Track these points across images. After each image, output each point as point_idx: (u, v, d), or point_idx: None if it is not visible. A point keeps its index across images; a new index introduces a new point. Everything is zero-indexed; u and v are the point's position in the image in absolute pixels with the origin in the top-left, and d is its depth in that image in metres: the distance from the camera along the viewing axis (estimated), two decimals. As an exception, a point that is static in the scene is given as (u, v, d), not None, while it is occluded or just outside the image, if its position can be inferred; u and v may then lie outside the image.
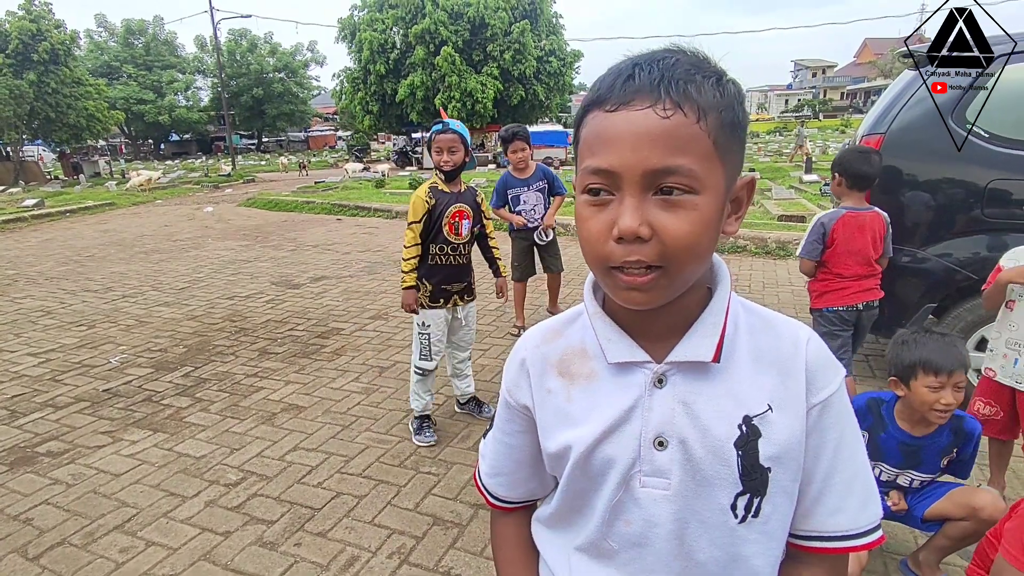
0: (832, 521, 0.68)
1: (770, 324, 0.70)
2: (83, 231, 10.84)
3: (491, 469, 0.84)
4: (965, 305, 2.97)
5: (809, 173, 13.08)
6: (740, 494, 0.65)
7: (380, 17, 24.70)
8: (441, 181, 2.87)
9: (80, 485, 2.68)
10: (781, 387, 0.65)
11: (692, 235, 0.57)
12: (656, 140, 0.55)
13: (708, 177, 0.57)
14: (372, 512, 2.43)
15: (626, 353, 0.67)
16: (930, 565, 1.92)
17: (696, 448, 0.64)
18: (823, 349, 0.68)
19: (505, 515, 0.86)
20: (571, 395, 0.71)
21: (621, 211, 0.57)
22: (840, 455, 0.67)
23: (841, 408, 0.67)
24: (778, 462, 0.64)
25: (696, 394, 0.65)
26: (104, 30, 41.13)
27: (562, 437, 0.71)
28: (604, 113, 0.58)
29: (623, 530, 0.68)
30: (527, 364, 0.76)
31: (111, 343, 4.61)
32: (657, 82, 0.56)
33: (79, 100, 24.02)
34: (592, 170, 0.58)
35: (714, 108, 0.57)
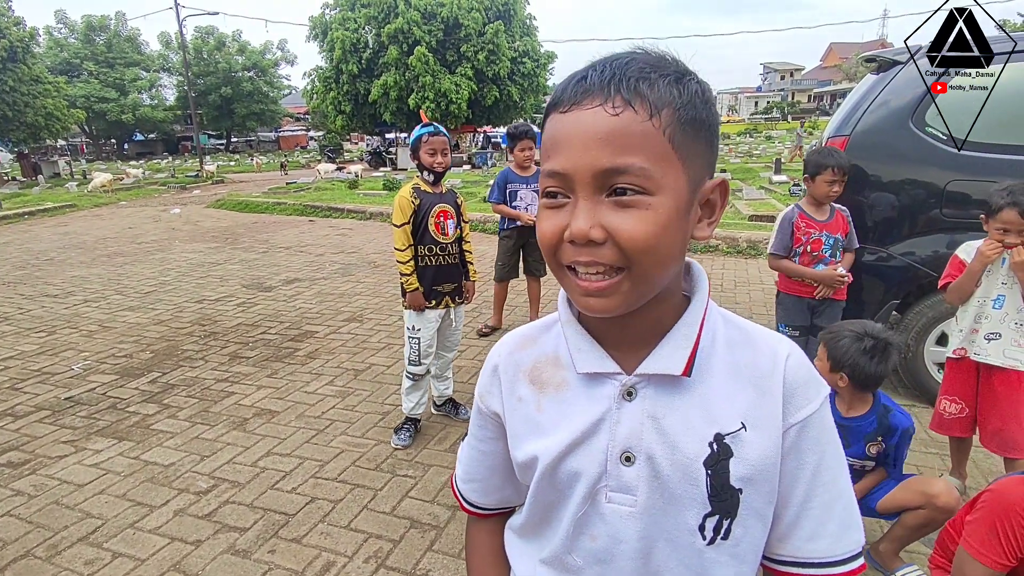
0: (810, 547, 0.65)
1: (750, 338, 0.66)
2: (41, 233, 10.47)
3: (465, 474, 0.83)
4: (926, 301, 3.07)
5: (779, 174, 13.38)
6: (709, 515, 0.62)
7: (352, 16, 24.41)
8: (425, 183, 2.85)
9: (42, 496, 2.58)
10: (757, 404, 0.62)
11: (648, 236, 0.54)
12: (604, 139, 0.53)
13: (664, 176, 0.54)
14: (348, 516, 2.40)
15: (596, 364, 0.64)
16: (890, 554, 1.98)
17: (664, 465, 0.62)
18: (804, 366, 0.65)
19: (479, 521, 0.85)
20: (541, 404, 0.69)
21: (574, 214, 0.55)
22: (819, 478, 0.64)
23: (822, 429, 0.64)
24: (750, 483, 0.62)
25: (666, 408, 0.62)
26: (64, 26, 39.77)
27: (530, 447, 0.69)
28: (559, 115, 0.57)
29: (588, 545, 0.66)
30: (499, 371, 0.74)
31: (72, 349, 4.46)
32: (608, 81, 0.55)
33: (37, 98, 23.23)
34: (547, 173, 0.58)
35: (668, 104, 0.54)
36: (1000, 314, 2.21)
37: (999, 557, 1.44)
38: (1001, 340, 2.21)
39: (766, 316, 4.73)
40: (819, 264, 2.83)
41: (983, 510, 1.50)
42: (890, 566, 1.97)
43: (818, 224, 2.81)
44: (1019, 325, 2.19)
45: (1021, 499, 1.44)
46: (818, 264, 2.83)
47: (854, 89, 3.50)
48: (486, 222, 9.15)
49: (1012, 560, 1.44)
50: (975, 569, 1.46)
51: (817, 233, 2.81)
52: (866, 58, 3.55)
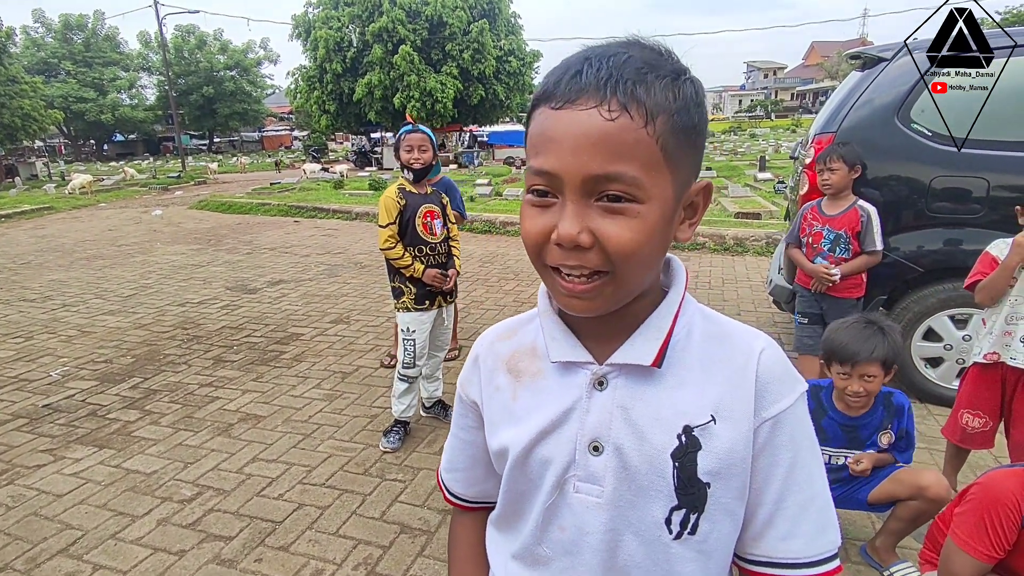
0: (783, 547, 0.64)
1: (726, 332, 0.66)
2: (18, 237, 10.25)
3: (448, 464, 0.84)
4: (913, 296, 3.10)
5: (763, 171, 13.48)
6: (675, 508, 0.62)
7: (336, 15, 24.19)
8: (408, 182, 2.82)
9: (20, 507, 2.51)
10: (728, 397, 0.62)
11: (635, 244, 0.54)
12: (598, 144, 0.52)
13: (653, 186, 0.54)
14: (336, 523, 2.36)
15: (568, 352, 0.65)
16: (886, 549, 1.99)
17: (632, 456, 0.62)
18: (779, 361, 0.64)
19: (463, 514, 0.86)
20: (516, 393, 0.69)
21: (562, 216, 0.55)
22: (794, 476, 0.63)
23: (797, 425, 0.63)
24: (718, 477, 0.61)
25: (636, 399, 0.62)
26: (41, 25, 39.00)
27: (504, 435, 0.69)
28: (549, 110, 0.55)
29: (557, 536, 0.67)
30: (479, 360, 0.75)
31: (50, 355, 4.36)
32: (604, 80, 0.53)
33: (13, 99, 22.75)
34: (535, 171, 0.56)
35: (664, 111, 0.53)
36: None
37: (986, 548, 1.44)
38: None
39: (753, 313, 4.75)
40: (818, 257, 2.86)
41: (971, 502, 1.51)
42: (886, 562, 1.98)
43: (824, 218, 2.84)
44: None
45: (1009, 491, 1.45)
46: (817, 257, 2.86)
47: (839, 86, 3.52)
48: (473, 221, 9.12)
49: (998, 552, 1.45)
50: (962, 560, 1.47)
51: (820, 226, 2.85)
52: (851, 55, 3.57)
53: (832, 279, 2.80)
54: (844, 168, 2.75)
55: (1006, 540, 1.44)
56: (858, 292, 2.89)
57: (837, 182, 2.77)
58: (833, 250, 2.82)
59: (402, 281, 2.85)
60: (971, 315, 3.00)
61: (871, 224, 2.76)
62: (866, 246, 2.79)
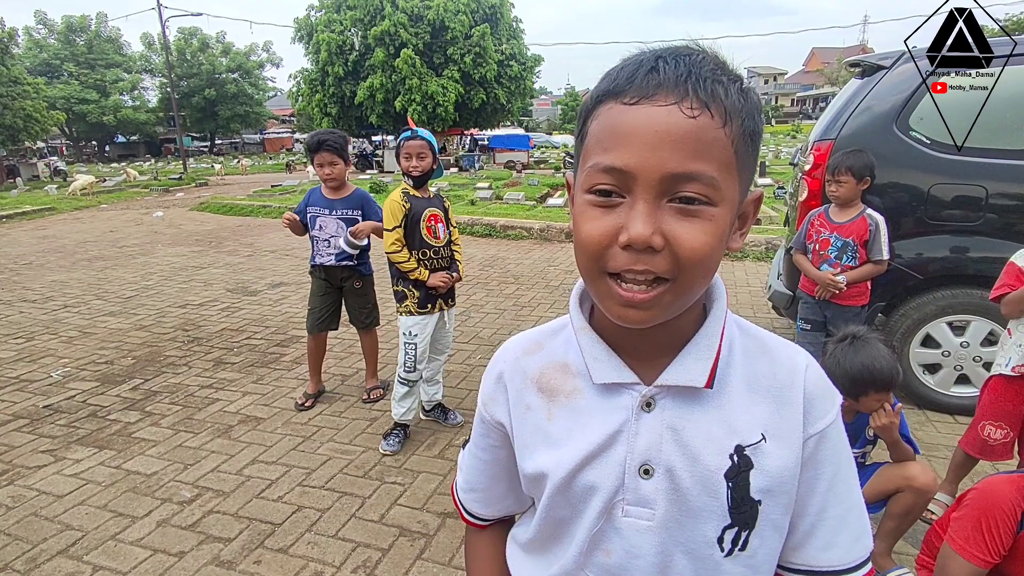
0: (824, 556, 0.65)
1: (767, 348, 0.66)
2: (19, 237, 10.26)
3: (466, 484, 0.81)
4: (911, 303, 3.10)
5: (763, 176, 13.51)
6: (728, 527, 0.61)
7: (338, 18, 24.28)
8: (410, 187, 2.84)
9: (20, 508, 2.51)
10: (776, 416, 0.62)
11: (708, 248, 0.53)
12: (678, 141, 0.50)
13: (727, 188, 0.53)
14: (336, 525, 2.36)
15: (614, 374, 0.62)
16: (883, 554, 1.99)
17: (684, 478, 0.61)
18: (821, 376, 0.65)
19: (480, 532, 0.83)
20: (552, 413, 0.66)
21: (632, 216, 0.52)
22: (835, 488, 0.64)
23: (838, 439, 0.64)
24: (769, 495, 0.61)
25: (686, 420, 0.61)
26: (44, 27, 39.13)
27: (541, 459, 0.66)
28: (622, 106, 0.52)
29: (602, 560, 0.65)
30: (504, 378, 0.71)
31: (51, 356, 4.36)
32: (684, 78, 0.51)
33: (16, 100, 22.80)
34: (603, 168, 0.53)
35: (738, 114, 0.53)
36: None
37: (983, 554, 1.45)
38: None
39: (753, 319, 4.73)
40: (824, 264, 2.87)
41: (968, 507, 1.52)
42: (882, 568, 1.98)
43: (832, 225, 2.85)
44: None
45: (1006, 497, 1.46)
46: (823, 264, 2.87)
47: (839, 93, 3.54)
48: (474, 224, 9.13)
49: (995, 557, 1.46)
50: (959, 565, 1.48)
51: (827, 233, 2.85)
52: (850, 63, 3.59)
53: (839, 287, 2.80)
54: (852, 181, 2.75)
55: (1002, 545, 1.45)
56: (862, 300, 2.88)
57: (845, 194, 2.78)
58: (840, 258, 2.83)
59: (405, 285, 2.86)
60: (969, 322, 3.01)
61: (879, 233, 2.75)
62: (873, 255, 2.77)
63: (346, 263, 3.35)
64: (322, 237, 3.32)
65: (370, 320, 3.50)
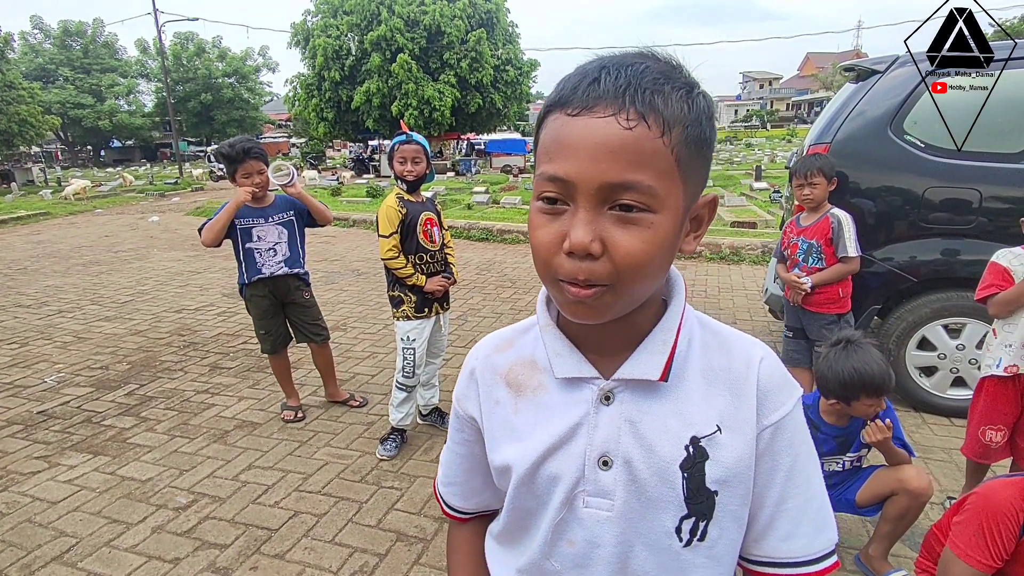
0: (785, 547, 0.66)
1: (724, 341, 0.67)
2: (14, 242, 10.22)
3: (444, 478, 0.83)
4: (907, 306, 3.12)
5: (759, 181, 13.56)
6: (685, 517, 0.63)
7: (334, 23, 24.30)
8: (404, 192, 2.84)
9: (14, 514, 2.49)
10: (732, 407, 0.64)
11: (644, 255, 0.54)
12: (616, 152, 0.52)
13: (667, 196, 0.54)
14: (332, 531, 2.35)
15: (574, 368, 0.65)
16: (880, 557, 1.99)
17: (641, 469, 0.63)
18: (777, 369, 0.66)
19: (460, 525, 0.86)
20: (518, 407, 0.69)
21: (573, 224, 0.54)
22: (794, 479, 0.65)
23: (795, 430, 0.65)
24: (725, 485, 0.63)
25: (643, 413, 0.63)
26: (40, 31, 39.08)
27: (508, 451, 0.69)
28: (565, 116, 0.55)
29: (566, 550, 0.67)
30: (476, 374, 0.74)
31: (46, 361, 4.34)
32: (623, 89, 0.53)
33: (11, 104, 22.76)
34: (548, 177, 0.55)
35: (680, 122, 0.54)
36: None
37: (984, 558, 1.45)
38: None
39: (749, 322, 4.76)
40: (795, 267, 2.91)
41: (970, 511, 1.52)
42: (880, 571, 1.98)
43: (799, 229, 2.91)
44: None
45: (1007, 501, 1.46)
46: (795, 267, 2.91)
47: (834, 98, 3.56)
48: (470, 229, 9.14)
49: (997, 561, 1.45)
50: (960, 569, 1.48)
51: (795, 238, 2.91)
52: (845, 67, 3.62)
53: (803, 287, 2.81)
54: (824, 182, 2.77)
55: (1004, 549, 1.45)
56: (837, 308, 2.83)
57: (819, 195, 2.79)
58: (806, 260, 2.85)
59: (402, 290, 2.85)
60: (964, 324, 3.03)
61: (842, 230, 2.72)
62: (838, 252, 2.75)
63: (296, 271, 3.21)
64: (264, 247, 3.11)
65: (325, 331, 3.36)
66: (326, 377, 3.48)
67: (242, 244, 3.12)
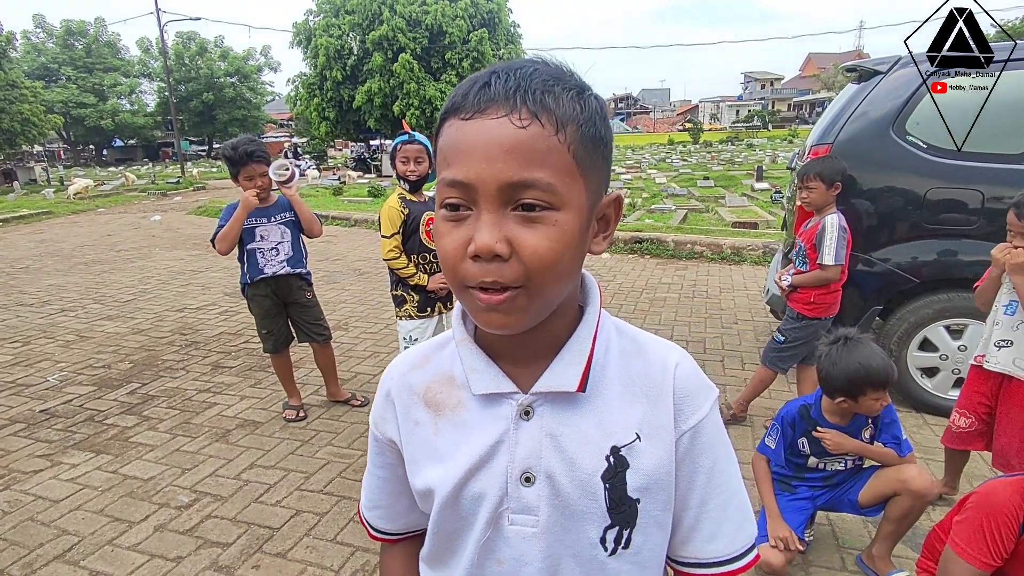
0: (710, 547, 0.67)
1: (641, 348, 0.67)
2: (16, 241, 10.24)
3: (368, 502, 0.81)
4: (908, 307, 3.11)
5: (760, 181, 13.55)
6: (609, 527, 0.63)
7: (336, 23, 24.32)
8: (406, 192, 2.84)
9: (16, 513, 2.50)
10: (650, 415, 0.63)
11: (553, 252, 0.54)
12: (511, 151, 0.52)
13: (568, 193, 0.54)
14: (334, 530, 2.36)
15: (491, 384, 0.63)
16: (882, 557, 1.99)
17: (563, 483, 0.62)
18: (693, 373, 0.66)
19: (390, 547, 0.83)
20: (439, 427, 0.67)
21: (478, 227, 0.53)
22: (714, 480, 0.66)
23: (712, 432, 0.66)
24: (647, 493, 0.63)
25: (563, 426, 0.62)
26: (42, 31, 39.17)
27: (429, 474, 0.67)
28: (460, 121, 0.55)
29: (495, 570, 0.66)
30: (392, 395, 0.71)
31: (48, 360, 4.35)
32: (513, 91, 0.53)
33: (13, 104, 22.82)
34: (448, 182, 0.55)
35: (573, 121, 0.54)
36: (1012, 320, 2.10)
37: (985, 557, 1.45)
38: (1012, 348, 2.09)
39: (750, 322, 4.76)
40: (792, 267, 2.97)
41: (970, 510, 1.53)
42: (882, 571, 1.98)
43: (800, 231, 2.95)
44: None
45: (1008, 499, 1.46)
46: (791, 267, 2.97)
47: (836, 98, 3.56)
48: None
49: (997, 560, 1.46)
50: (960, 568, 1.48)
51: (796, 239, 2.96)
52: (847, 68, 3.61)
53: (780, 286, 2.90)
54: (822, 186, 2.75)
55: (1004, 548, 1.45)
56: (807, 311, 2.82)
57: (815, 200, 2.78)
58: (796, 261, 2.91)
59: (405, 289, 2.85)
60: (966, 325, 3.02)
61: (824, 236, 2.70)
62: (818, 259, 2.73)
63: (299, 270, 3.21)
64: (267, 247, 3.12)
65: (327, 331, 3.37)
66: (328, 376, 3.49)
67: (245, 244, 3.12)
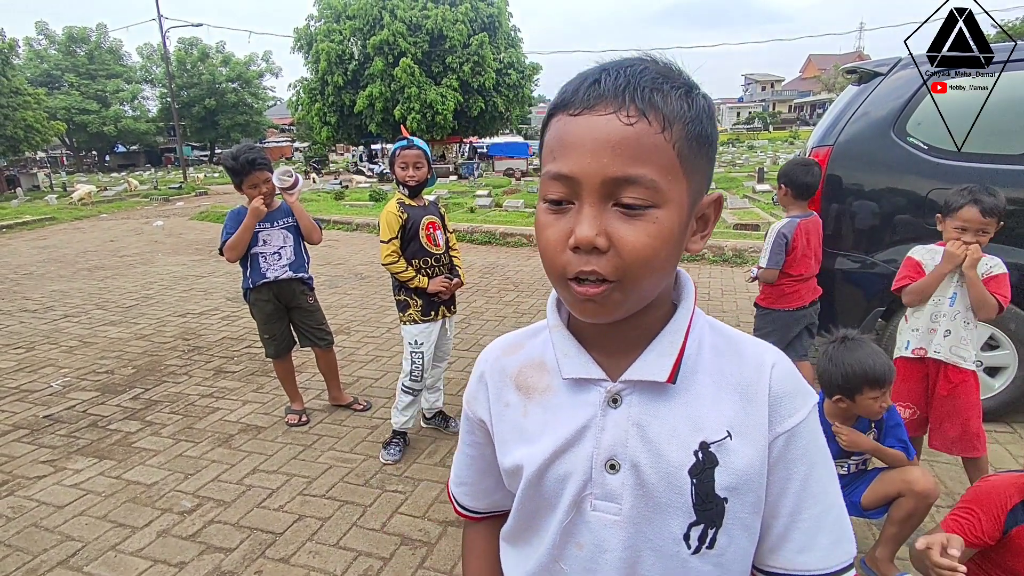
0: (800, 559, 0.64)
1: (735, 346, 0.67)
2: (20, 247, 10.28)
3: (456, 478, 0.83)
4: (911, 308, 3.10)
5: (761, 183, 13.55)
6: (694, 524, 0.62)
7: (337, 28, 24.40)
8: (405, 197, 2.85)
9: (20, 518, 2.50)
10: (742, 413, 0.62)
11: (650, 249, 0.55)
12: (617, 147, 0.53)
13: (670, 190, 0.55)
14: (337, 534, 2.36)
15: (581, 369, 0.64)
16: (886, 560, 1.99)
17: (649, 473, 0.62)
18: (791, 375, 0.65)
19: (473, 524, 0.86)
20: (527, 409, 0.69)
21: (579, 219, 0.55)
22: (809, 489, 0.64)
23: (810, 438, 0.64)
24: (735, 492, 0.62)
25: (651, 416, 0.62)
26: (45, 37, 39.38)
27: (517, 453, 0.69)
28: (567, 117, 0.56)
29: (575, 553, 0.66)
30: (485, 377, 0.74)
31: (52, 366, 4.36)
32: (622, 88, 0.54)
33: (16, 110, 22.91)
34: (552, 175, 0.56)
35: (680, 119, 0.55)
36: (953, 311, 2.25)
37: (959, 528, 1.47)
38: (951, 337, 2.25)
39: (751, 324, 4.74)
40: None
41: (967, 492, 1.58)
42: (886, 574, 1.97)
43: None
44: (967, 324, 2.24)
45: (1000, 487, 1.50)
46: None
47: (836, 100, 3.56)
48: (473, 232, 9.15)
49: (971, 535, 1.46)
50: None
51: None
52: (847, 69, 3.62)
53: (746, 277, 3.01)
54: (782, 188, 2.93)
55: (981, 526, 1.46)
56: (765, 302, 3.13)
57: (781, 201, 3.00)
58: None
59: (407, 294, 2.85)
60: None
61: (766, 239, 2.95)
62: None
63: (301, 275, 3.22)
64: (270, 252, 3.13)
65: (329, 336, 3.38)
66: (330, 381, 3.49)
67: (248, 249, 3.12)
